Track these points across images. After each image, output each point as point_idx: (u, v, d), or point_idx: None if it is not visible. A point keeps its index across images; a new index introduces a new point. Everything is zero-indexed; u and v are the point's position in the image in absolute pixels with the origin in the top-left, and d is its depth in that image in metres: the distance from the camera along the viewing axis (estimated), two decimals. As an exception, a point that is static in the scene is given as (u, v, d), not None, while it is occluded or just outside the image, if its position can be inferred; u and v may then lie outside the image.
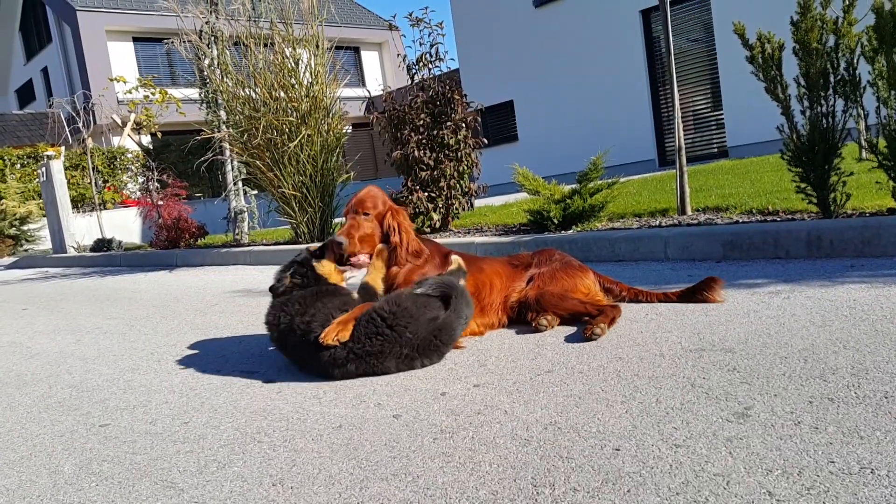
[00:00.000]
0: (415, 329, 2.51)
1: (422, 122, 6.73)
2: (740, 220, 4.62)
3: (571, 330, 2.85)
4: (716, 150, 14.68)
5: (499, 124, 18.89)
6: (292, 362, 2.78)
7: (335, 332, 2.47)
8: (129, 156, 20.41)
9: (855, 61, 4.00)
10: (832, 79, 4.05)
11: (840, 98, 4.06)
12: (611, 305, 2.94)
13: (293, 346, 2.67)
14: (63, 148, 17.99)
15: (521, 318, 3.01)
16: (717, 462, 1.51)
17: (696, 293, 3.06)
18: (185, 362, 3.15)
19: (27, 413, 2.59)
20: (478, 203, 8.64)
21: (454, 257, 2.94)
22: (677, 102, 5.35)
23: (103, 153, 19.77)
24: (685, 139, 5.09)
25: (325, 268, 2.85)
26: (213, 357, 3.18)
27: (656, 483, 1.45)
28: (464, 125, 6.79)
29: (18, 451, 2.16)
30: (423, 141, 6.70)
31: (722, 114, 14.43)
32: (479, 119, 7.09)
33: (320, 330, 2.52)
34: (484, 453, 1.71)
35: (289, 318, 2.67)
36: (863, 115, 4.08)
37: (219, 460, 1.88)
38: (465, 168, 6.84)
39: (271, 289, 2.88)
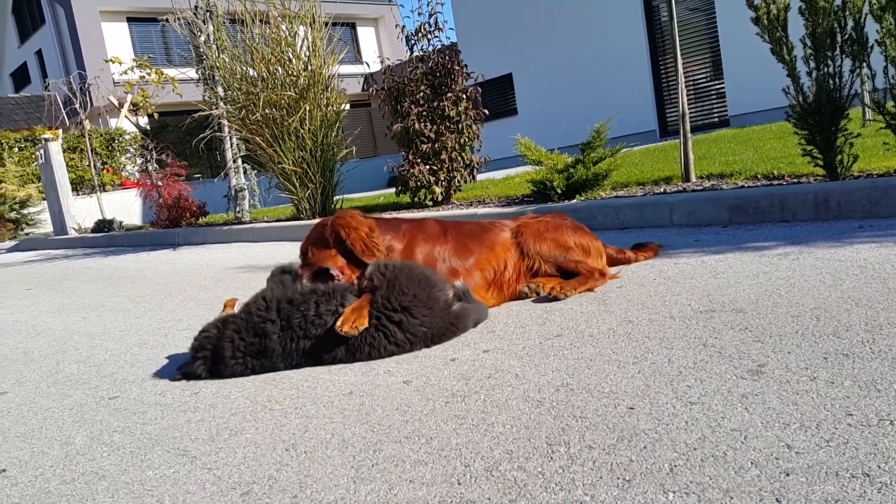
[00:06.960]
0: (431, 322, 2.36)
1: (422, 93, 6.66)
2: (746, 186, 4.58)
3: (581, 297, 2.84)
4: (717, 119, 14.60)
5: (498, 98, 18.76)
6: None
7: (352, 321, 2.27)
8: (127, 137, 20.30)
9: (862, 20, 3.94)
10: (839, 38, 4.00)
11: (847, 58, 4.00)
12: (600, 271, 2.93)
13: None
14: (60, 130, 17.87)
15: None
16: (733, 418, 1.50)
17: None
18: (192, 336, 3.12)
19: (36, 388, 2.58)
20: (479, 177, 8.58)
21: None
22: (680, 67, 5.29)
23: (101, 135, 19.65)
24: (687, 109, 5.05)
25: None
26: (219, 330, 3.17)
27: (672, 439, 1.44)
28: (464, 96, 6.72)
29: (29, 424, 2.15)
30: (424, 113, 6.64)
31: (723, 83, 14.33)
32: (480, 90, 7.02)
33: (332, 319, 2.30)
34: (497, 415, 1.70)
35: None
36: (870, 76, 4.03)
37: (230, 428, 1.88)
38: (467, 140, 6.79)
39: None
